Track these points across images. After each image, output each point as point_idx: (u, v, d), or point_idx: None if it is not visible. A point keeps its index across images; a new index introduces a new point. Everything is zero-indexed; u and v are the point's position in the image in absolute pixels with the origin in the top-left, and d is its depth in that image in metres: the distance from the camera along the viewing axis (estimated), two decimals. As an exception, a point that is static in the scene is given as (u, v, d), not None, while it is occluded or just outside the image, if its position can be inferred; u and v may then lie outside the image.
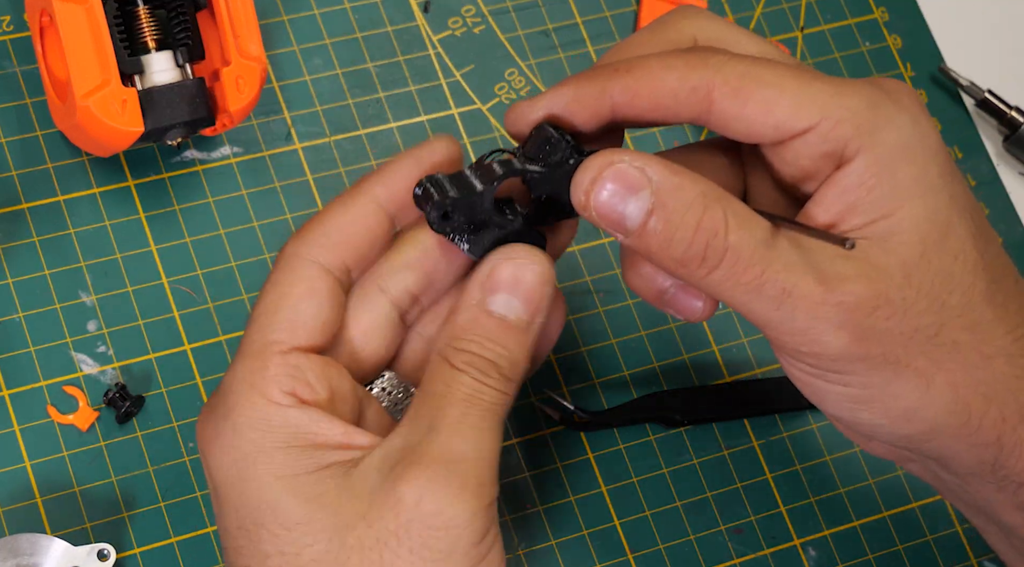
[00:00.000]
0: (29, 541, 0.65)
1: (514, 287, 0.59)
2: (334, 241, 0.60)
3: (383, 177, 0.61)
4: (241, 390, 0.58)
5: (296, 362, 0.58)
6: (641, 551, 0.73)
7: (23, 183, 0.72)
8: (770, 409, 0.76)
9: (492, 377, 0.58)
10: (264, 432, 0.57)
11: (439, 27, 0.80)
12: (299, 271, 0.59)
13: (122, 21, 0.68)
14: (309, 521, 0.56)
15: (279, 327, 0.58)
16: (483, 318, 0.59)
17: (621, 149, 0.58)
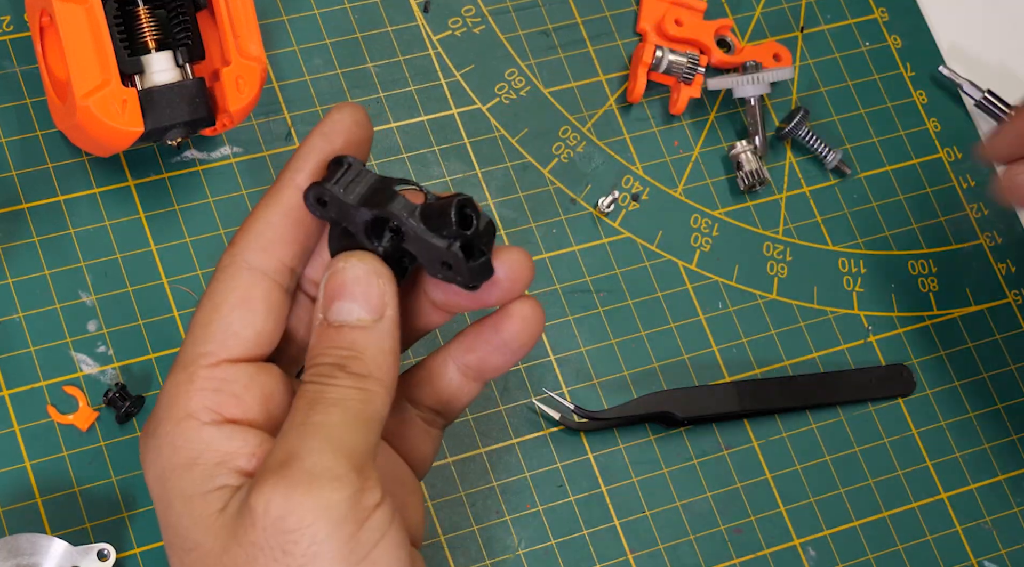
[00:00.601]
0: (29, 541, 0.65)
1: (344, 291, 0.57)
2: (267, 241, 0.58)
3: (298, 163, 0.59)
4: (165, 405, 0.57)
5: (223, 375, 0.57)
6: (641, 551, 0.73)
7: (23, 183, 0.72)
8: (770, 409, 0.76)
9: (336, 377, 0.56)
10: (177, 449, 0.56)
11: (439, 27, 0.80)
12: (233, 279, 0.58)
13: (122, 21, 0.68)
14: (200, 545, 0.56)
15: (209, 339, 0.57)
16: (326, 332, 0.57)
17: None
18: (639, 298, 0.77)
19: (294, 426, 0.55)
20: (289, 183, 0.58)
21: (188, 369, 0.57)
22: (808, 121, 0.81)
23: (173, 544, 0.57)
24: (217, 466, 0.56)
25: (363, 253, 0.58)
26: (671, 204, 0.79)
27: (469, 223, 0.57)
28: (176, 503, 0.56)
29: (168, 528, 0.57)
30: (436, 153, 0.77)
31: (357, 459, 0.55)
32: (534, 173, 0.78)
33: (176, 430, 0.57)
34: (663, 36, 0.81)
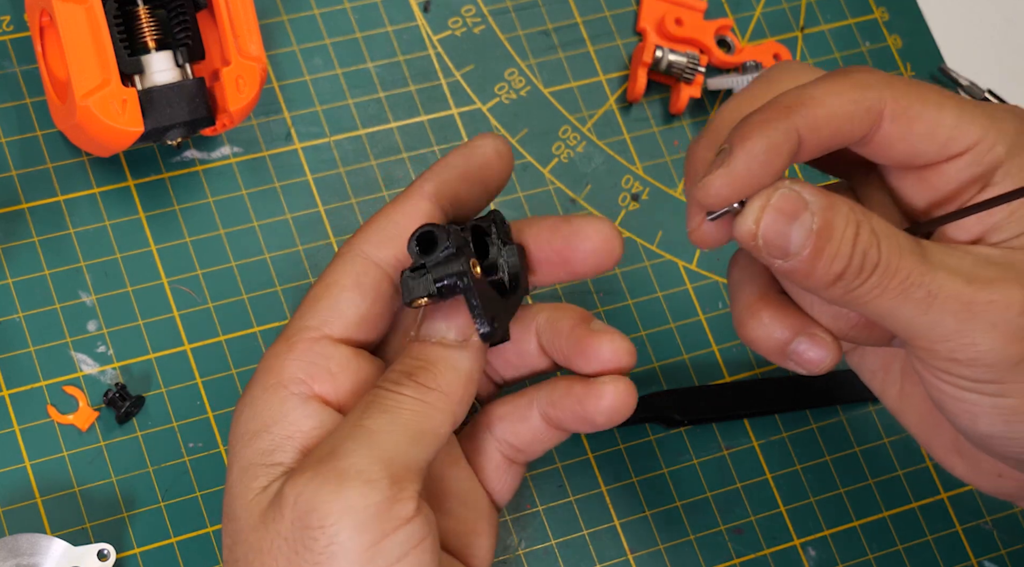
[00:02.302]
0: (29, 541, 0.65)
1: (438, 312, 0.59)
2: (387, 235, 0.60)
3: (434, 173, 0.62)
4: (261, 371, 0.59)
5: (322, 350, 0.59)
6: (641, 551, 0.73)
7: (23, 183, 0.72)
8: (770, 409, 0.76)
9: (401, 384, 0.58)
10: (256, 414, 0.58)
11: (439, 27, 0.80)
12: (348, 264, 0.60)
13: (122, 21, 0.68)
14: (241, 517, 0.57)
15: (315, 315, 0.59)
16: (412, 346, 0.59)
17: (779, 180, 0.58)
18: (639, 298, 0.77)
19: (346, 425, 0.56)
20: (419, 188, 0.61)
21: (290, 340, 0.59)
22: (808, 121, 0.81)
23: (224, 509, 0.58)
24: (285, 439, 0.57)
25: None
26: (671, 204, 0.79)
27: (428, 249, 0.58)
28: (235, 469, 0.58)
29: (225, 492, 0.58)
30: (436, 153, 0.77)
31: (396, 468, 0.55)
32: (534, 173, 0.78)
33: (263, 396, 0.58)
34: (663, 36, 0.81)
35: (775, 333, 0.62)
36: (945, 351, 0.58)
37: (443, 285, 0.58)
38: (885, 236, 0.57)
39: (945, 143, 0.59)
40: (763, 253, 0.58)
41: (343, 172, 0.76)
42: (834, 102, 0.58)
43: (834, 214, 0.57)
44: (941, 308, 0.57)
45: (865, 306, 0.58)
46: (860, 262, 0.57)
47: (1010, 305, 0.57)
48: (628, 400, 0.62)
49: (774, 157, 0.57)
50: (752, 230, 0.57)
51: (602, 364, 0.62)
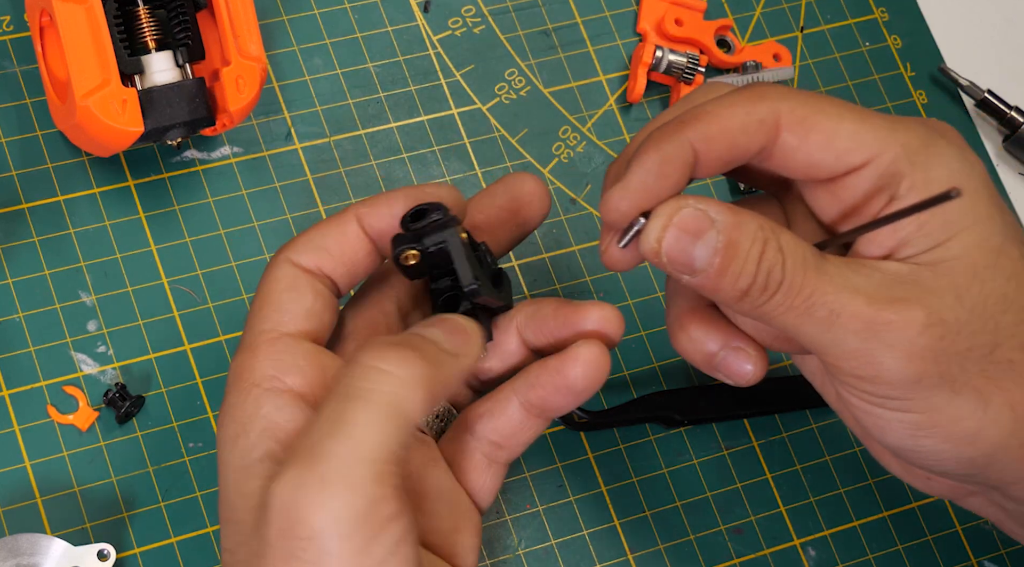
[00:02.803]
0: (29, 541, 0.65)
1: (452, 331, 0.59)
2: (314, 246, 0.61)
3: (370, 200, 0.62)
4: (230, 380, 0.60)
5: (284, 347, 0.60)
6: (641, 551, 0.73)
7: (23, 183, 0.72)
8: (770, 409, 0.76)
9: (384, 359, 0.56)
10: (234, 419, 0.59)
11: (439, 27, 0.80)
12: (280, 270, 0.61)
13: (122, 21, 0.68)
14: (238, 519, 0.57)
15: (265, 319, 0.60)
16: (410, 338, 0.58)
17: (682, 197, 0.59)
18: (639, 298, 0.77)
19: (322, 416, 0.55)
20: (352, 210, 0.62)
21: (251, 346, 0.60)
22: (808, 121, 0.81)
23: (222, 514, 0.58)
24: (263, 434, 0.58)
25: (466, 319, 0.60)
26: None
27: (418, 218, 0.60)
28: (227, 473, 0.58)
29: (221, 499, 0.58)
30: (436, 153, 0.77)
31: (379, 465, 0.54)
32: (534, 173, 0.78)
33: (237, 400, 0.59)
34: (663, 36, 0.81)
35: (703, 345, 0.63)
36: (849, 368, 0.59)
37: (431, 245, 0.59)
38: (791, 254, 0.58)
39: (843, 154, 0.60)
40: (669, 269, 0.59)
41: (343, 172, 0.76)
42: (727, 115, 0.59)
43: (740, 233, 0.58)
44: (843, 327, 0.58)
45: (773, 321, 0.59)
46: (764, 280, 0.58)
47: (910, 325, 0.58)
48: (602, 359, 0.62)
49: (669, 169, 0.59)
50: (655, 248, 0.59)
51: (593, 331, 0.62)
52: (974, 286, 0.59)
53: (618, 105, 0.81)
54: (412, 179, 0.76)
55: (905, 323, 0.58)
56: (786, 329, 0.60)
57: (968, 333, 0.59)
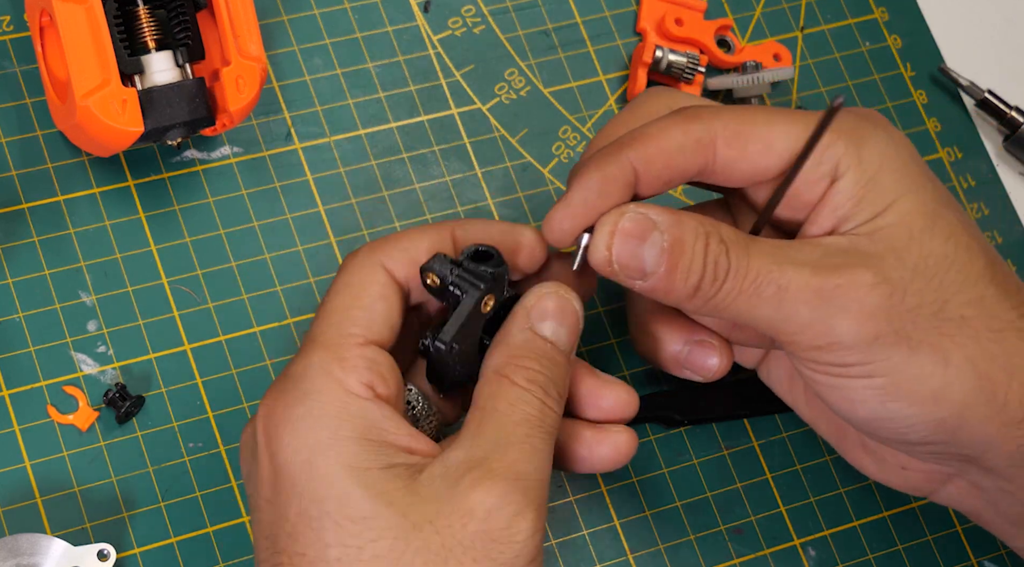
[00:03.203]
0: (29, 541, 0.65)
1: (561, 316, 0.62)
2: (409, 257, 0.62)
3: (468, 223, 0.64)
4: (318, 377, 0.59)
5: (373, 355, 0.60)
6: (641, 551, 0.73)
7: (23, 183, 0.72)
8: (770, 409, 0.76)
9: (551, 397, 0.61)
10: (341, 421, 0.58)
11: (439, 27, 0.80)
12: (374, 275, 0.62)
13: (122, 21, 0.68)
14: (376, 516, 0.57)
15: (356, 322, 0.60)
16: (538, 340, 0.62)
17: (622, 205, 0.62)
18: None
19: (517, 442, 0.59)
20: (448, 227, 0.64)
21: (339, 346, 0.60)
22: (808, 121, 0.81)
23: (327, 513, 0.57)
24: (386, 444, 0.59)
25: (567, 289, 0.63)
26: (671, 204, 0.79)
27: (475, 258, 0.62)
28: (345, 473, 0.58)
29: (320, 497, 0.58)
30: (436, 153, 0.77)
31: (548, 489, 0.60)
32: (534, 173, 0.78)
33: (338, 402, 0.59)
34: (663, 36, 0.81)
35: (666, 346, 0.67)
36: (806, 340, 0.61)
37: (451, 289, 0.61)
38: (733, 242, 0.61)
39: (783, 154, 0.62)
40: (621, 276, 0.62)
41: (343, 172, 0.76)
42: (664, 136, 0.62)
43: (682, 230, 0.61)
44: (793, 300, 0.60)
45: (726, 311, 0.61)
46: (713, 270, 0.60)
47: (857, 286, 0.60)
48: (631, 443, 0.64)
49: (608, 188, 0.62)
50: (606, 256, 0.61)
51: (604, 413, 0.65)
52: (912, 247, 0.61)
53: (618, 105, 0.81)
54: (412, 179, 0.76)
55: (853, 285, 0.60)
56: (740, 317, 0.62)
57: (914, 291, 0.60)
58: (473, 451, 0.59)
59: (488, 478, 0.57)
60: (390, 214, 0.76)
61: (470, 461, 0.58)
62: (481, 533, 0.57)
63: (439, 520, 0.57)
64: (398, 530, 0.57)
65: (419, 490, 0.58)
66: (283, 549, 0.58)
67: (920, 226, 0.61)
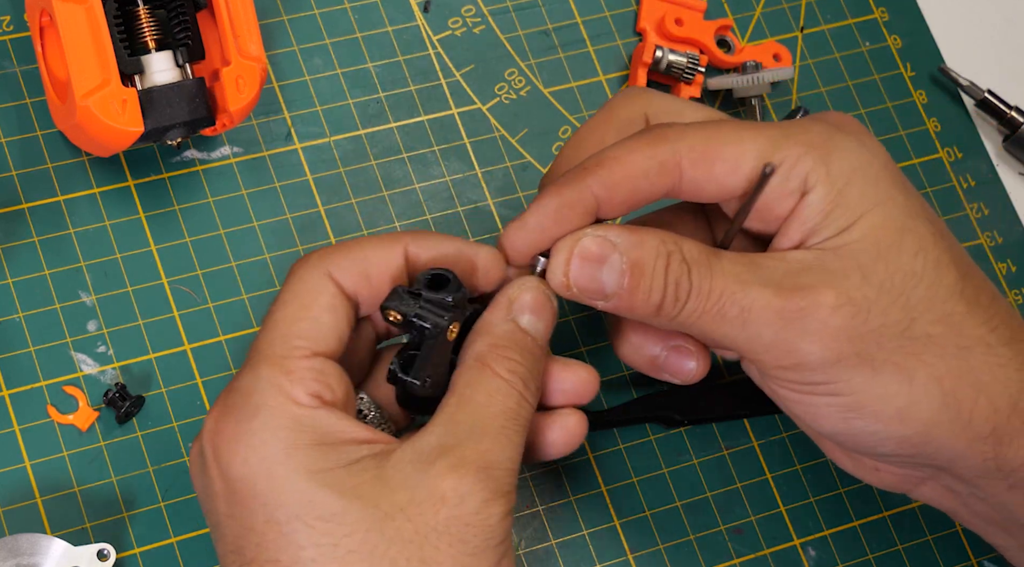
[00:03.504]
0: (29, 541, 0.65)
1: (539, 311, 0.63)
2: (359, 269, 0.62)
3: (422, 237, 0.63)
4: (266, 391, 0.59)
5: (320, 367, 0.60)
6: (641, 551, 0.73)
7: (23, 183, 0.72)
8: (770, 409, 0.76)
9: (530, 390, 0.61)
10: (295, 431, 0.58)
11: (439, 27, 0.80)
12: (322, 286, 0.61)
13: (122, 21, 0.68)
14: (346, 511, 0.57)
15: (302, 334, 0.60)
16: (519, 332, 0.62)
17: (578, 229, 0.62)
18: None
19: (492, 432, 0.60)
20: (402, 241, 0.63)
21: (285, 360, 0.60)
22: (808, 121, 0.81)
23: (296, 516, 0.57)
24: (346, 444, 0.59)
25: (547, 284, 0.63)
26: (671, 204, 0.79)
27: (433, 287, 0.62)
28: (309, 477, 0.58)
29: (286, 503, 0.58)
30: (436, 153, 0.77)
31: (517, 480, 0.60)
32: (534, 173, 0.78)
33: (288, 413, 0.59)
34: (663, 36, 0.81)
35: (645, 350, 0.66)
36: (771, 361, 0.61)
37: (416, 322, 0.61)
38: (695, 262, 0.61)
39: (749, 174, 0.62)
40: (583, 299, 0.62)
41: (343, 172, 0.76)
42: (628, 161, 0.62)
43: (643, 251, 0.61)
44: (756, 322, 0.60)
45: (691, 329, 0.62)
46: (674, 291, 0.61)
47: (819, 308, 0.60)
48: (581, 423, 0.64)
49: (567, 214, 0.62)
50: (563, 281, 0.62)
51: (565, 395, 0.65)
52: (879, 264, 0.60)
53: (618, 105, 0.81)
54: (412, 179, 0.76)
55: (814, 307, 0.60)
56: (704, 335, 0.62)
57: (879, 310, 0.60)
58: (446, 437, 0.59)
59: (461, 465, 0.58)
60: (390, 214, 0.76)
61: (443, 447, 0.58)
62: (454, 518, 0.57)
63: (411, 507, 0.57)
64: (370, 521, 0.57)
65: (388, 478, 0.58)
66: (253, 559, 0.58)
67: (888, 241, 0.61)
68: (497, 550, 0.58)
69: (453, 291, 0.61)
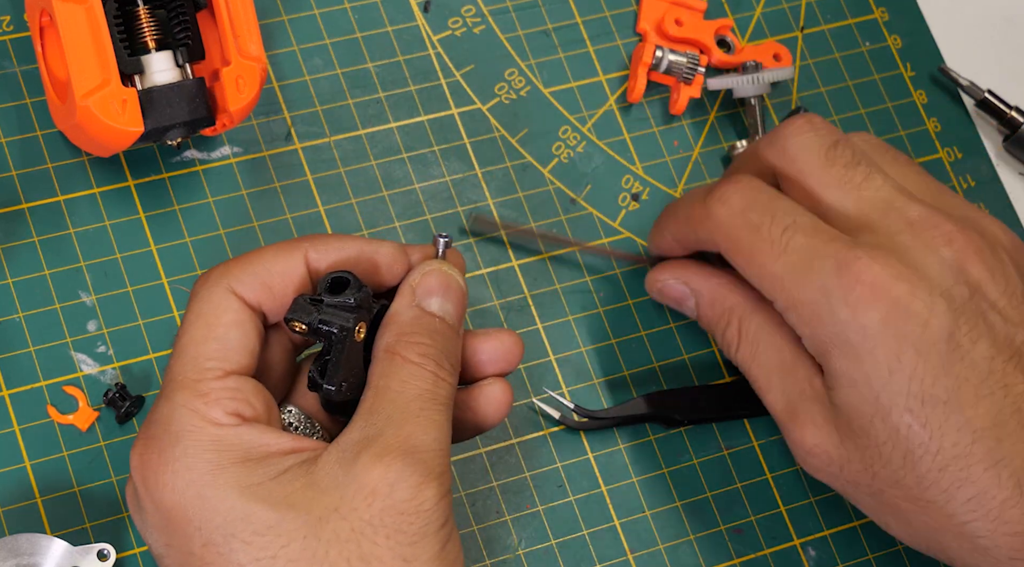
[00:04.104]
0: (29, 541, 0.65)
1: (446, 291, 0.63)
2: (260, 281, 0.62)
3: (320, 241, 0.63)
4: (183, 417, 0.59)
5: (234, 385, 0.60)
6: (641, 551, 0.73)
7: (23, 183, 0.72)
8: (770, 409, 0.76)
9: (444, 369, 0.61)
10: (219, 452, 0.58)
11: (439, 27, 0.80)
12: (226, 302, 0.61)
13: (122, 21, 0.68)
14: (280, 522, 0.57)
15: (212, 355, 0.60)
16: (426, 316, 0.62)
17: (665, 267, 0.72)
18: (639, 298, 0.77)
19: (411, 416, 0.59)
20: (301, 248, 0.63)
21: (195, 385, 0.59)
22: (808, 121, 0.81)
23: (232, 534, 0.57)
24: (271, 456, 0.59)
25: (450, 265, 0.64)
26: (671, 204, 0.79)
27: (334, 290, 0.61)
28: (239, 494, 0.58)
29: (221, 523, 0.57)
30: (436, 153, 0.77)
31: (449, 457, 0.60)
32: (534, 173, 0.78)
33: (208, 436, 0.59)
34: (663, 36, 0.81)
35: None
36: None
37: (322, 328, 0.61)
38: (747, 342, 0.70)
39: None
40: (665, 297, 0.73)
41: (343, 172, 0.76)
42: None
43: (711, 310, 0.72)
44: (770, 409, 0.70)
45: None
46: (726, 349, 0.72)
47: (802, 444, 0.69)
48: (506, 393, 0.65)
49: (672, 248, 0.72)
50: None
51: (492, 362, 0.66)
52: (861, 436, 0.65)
53: (618, 105, 0.81)
54: (412, 179, 0.76)
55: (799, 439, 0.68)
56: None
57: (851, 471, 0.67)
58: (367, 430, 0.59)
59: (386, 453, 0.58)
60: (390, 214, 0.76)
61: (365, 440, 0.58)
62: (388, 508, 0.57)
63: (343, 506, 0.57)
64: (306, 528, 0.57)
65: (318, 481, 0.58)
66: None
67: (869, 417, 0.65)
68: (438, 536, 0.58)
69: (355, 291, 0.61)
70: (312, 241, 0.63)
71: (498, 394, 0.64)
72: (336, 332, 0.61)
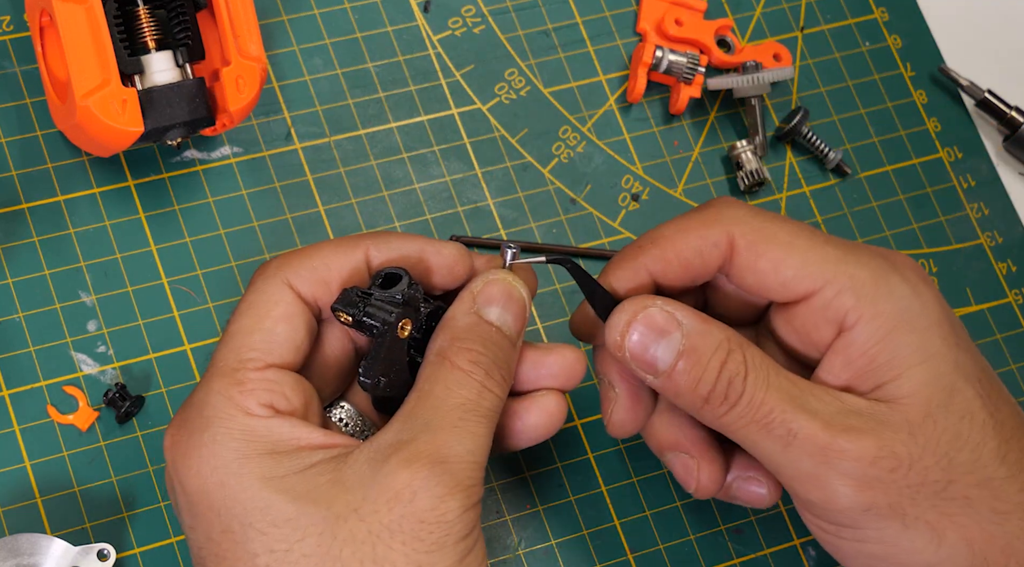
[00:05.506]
0: (29, 541, 0.65)
1: (507, 302, 0.62)
2: (318, 276, 0.62)
3: (383, 239, 0.63)
4: (218, 404, 0.59)
5: (272, 377, 0.60)
6: (641, 551, 0.73)
7: (23, 183, 0.72)
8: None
9: (493, 379, 0.60)
10: (246, 441, 0.58)
11: (439, 27, 0.80)
12: (279, 294, 0.61)
13: (122, 21, 0.68)
14: (299, 516, 0.57)
15: (255, 346, 0.60)
16: (482, 324, 0.61)
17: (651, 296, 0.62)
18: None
19: (448, 425, 0.59)
20: (362, 244, 0.63)
21: (237, 372, 0.60)
22: (808, 121, 0.81)
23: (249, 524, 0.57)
24: (300, 450, 0.58)
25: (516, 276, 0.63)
26: (671, 204, 0.79)
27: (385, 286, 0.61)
28: (261, 484, 0.58)
29: (240, 511, 0.58)
30: (436, 153, 0.77)
31: (484, 470, 0.59)
32: (534, 173, 0.78)
33: (239, 424, 0.59)
34: (663, 36, 0.81)
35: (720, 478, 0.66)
36: (802, 492, 0.61)
37: (365, 321, 0.60)
38: (755, 368, 0.61)
39: (787, 283, 0.62)
40: (631, 366, 0.62)
41: (343, 172, 0.76)
42: (682, 240, 0.63)
43: (704, 339, 0.61)
44: (799, 449, 0.60)
45: (734, 433, 0.62)
46: (725, 389, 0.61)
47: (862, 456, 0.60)
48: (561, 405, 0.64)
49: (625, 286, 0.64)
50: (617, 341, 0.62)
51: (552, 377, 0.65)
52: (927, 424, 0.61)
53: (618, 105, 0.81)
54: (412, 179, 0.76)
55: (858, 454, 0.60)
56: (745, 443, 0.62)
57: (920, 468, 0.60)
58: (402, 433, 0.58)
59: (415, 460, 0.57)
60: (390, 214, 0.76)
61: (398, 443, 0.58)
62: (408, 515, 0.57)
63: (364, 507, 0.57)
64: (323, 524, 0.57)
65: (345, 479, 0.58)
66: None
67: (937, 402, 0.61)
68: (457, 547, 0.57)
69: (404, 288, 0.61)
70: (374, 238, 0.63)
71: (551, 406, 0.63)
72: (378, 326, 0.60)
